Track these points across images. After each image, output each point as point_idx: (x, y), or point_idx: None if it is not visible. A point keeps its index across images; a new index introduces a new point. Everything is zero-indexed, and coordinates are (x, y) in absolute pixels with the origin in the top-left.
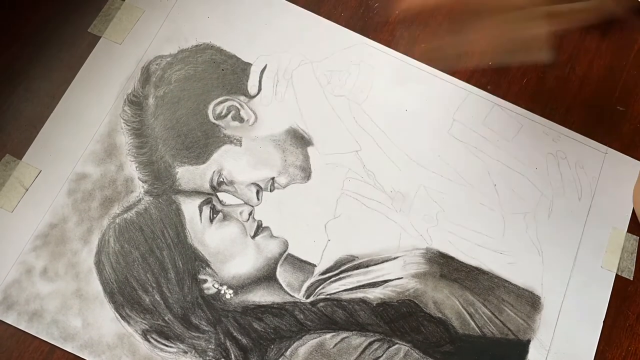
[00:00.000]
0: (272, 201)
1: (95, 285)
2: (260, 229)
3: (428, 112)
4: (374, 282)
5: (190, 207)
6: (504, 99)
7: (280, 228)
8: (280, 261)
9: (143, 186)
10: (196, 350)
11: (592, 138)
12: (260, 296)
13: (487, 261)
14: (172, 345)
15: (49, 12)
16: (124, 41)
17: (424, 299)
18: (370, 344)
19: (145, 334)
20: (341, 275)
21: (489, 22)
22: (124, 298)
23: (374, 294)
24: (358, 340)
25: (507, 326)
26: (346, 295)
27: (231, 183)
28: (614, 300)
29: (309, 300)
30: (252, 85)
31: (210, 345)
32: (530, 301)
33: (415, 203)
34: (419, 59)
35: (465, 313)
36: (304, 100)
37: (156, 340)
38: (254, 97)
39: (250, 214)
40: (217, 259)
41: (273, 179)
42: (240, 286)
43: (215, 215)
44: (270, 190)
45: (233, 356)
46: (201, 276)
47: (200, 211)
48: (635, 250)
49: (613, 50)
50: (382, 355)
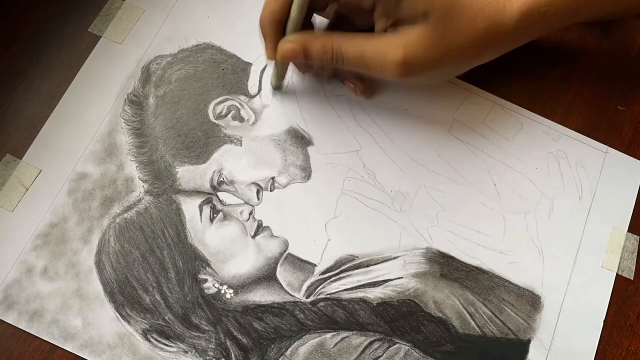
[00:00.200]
0: (273, 201)
1: (96, 285)
2: (260, 228)
3: (428, 112)
4: (374, 282)
5: (190, 207)
6: (504, 98)
7: (280, 228)
8: (281, 261)
9: (143, 186)
10: (196, 349)
11: (593, 138)
12: (261, 296)
13: (488, 261)
14: (173, 344)
15: (49, 12)
16: (124, 41)
17: (424, 299)
18: (371, 343)
19: (145, 334)
20: (341, 275)
21: None
22: (124, 297)
23: (374, 294)
24: (358, 339)
25: (508, 326)
26: (346, 295)
27: (231, 183)
28: (615, 300)
29: (309, 299)
30: (253, 85)
31: (210, 345)
32: (531, 301)
33: (415, 202)
34: None
35: (465, 313)
36: (304, 99)
37: (156, 339)
38: (254, 97)
39: (250, 213)
40: (218, 258)
41: (273, 178)
42: (240, 286)
43: (215, 215)
44: (271, 190)
45: (233, 356)
46: (201, 276)
47: (201, 211)
48: (636, 250)
49: (613, 50)
50: (383, 354)
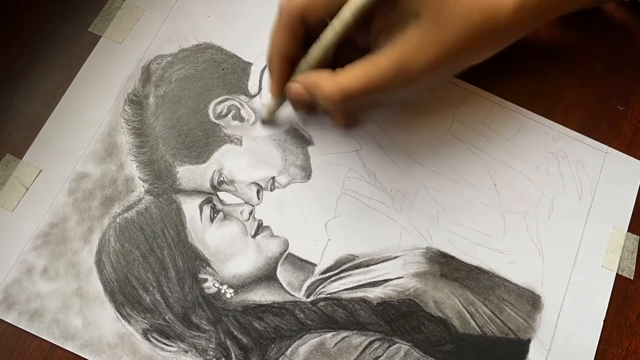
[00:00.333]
0: (273, 200)
1: (96, 285)
2: (260, 228)
3: (428, 111)
4: (374, 282)
5: (190, 207)
6: (504, 98)
7: (280, 227)
8: (281, 260)
9: (143, 185)
10: (197, 349)
11: (593, 137)
12: (261, 295)
13: (488, 260)
14: (173, 344)
15: (49, 12)
16: (124, 40)
17: (424, 298)
18: (371, 343)
19: (145, 333)
20: (341, 275)
21: None
22: (125, 297)
23: (374, 293)
24: (358, 339)
25: (508, 325)
26: (346, 295)
27: (232, 182)
28: (615, 300)
29: (309, 299)
30: (253, 85)
31: (210, 345)
32: (531, 300)
33: (415, 202)
34: None
35: (465, 312)
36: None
37: (157, 339)
38: (255, 97)
39: (250, 213)
40: (218, 258)
41: (273, 178)
42: (240, 285)
43: (215, 215)
44: (271, 190)
45: (233, 355)
46: (202, 275)
47: (201, 210)
48: (636, 250)
49: (613, 50)
50: (383, 354)
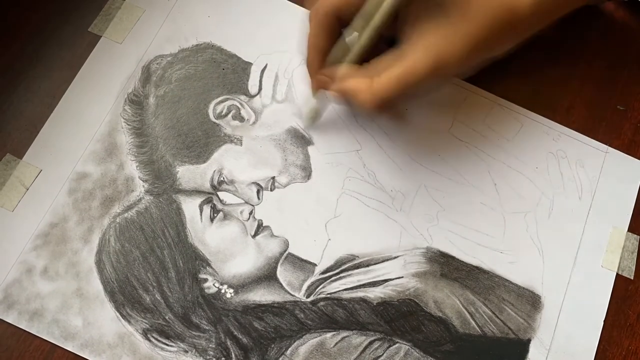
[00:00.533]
0: (273, 200)
1: (96, 285)
2: (260, 228)
3: (428, 112)
4: (374, 282)
5: (190, 207)
6: (505, 98)
7: (280, 227)
8: (281, 260)
9: (143, 185)
10: (197, 349)
11: (593, 137)
12: (261, 295)
13: (488, 260)
14: (173, 344)
15: (49, 12)
16: (124, 40)
17: (424, 298)
18: (371, 343)
19: (145, 333)
20: (341, 275)
21: None
22: (125, 297)
23: (374, 293)
24: (358, 339)
25: (508, 325)
26: (346, 295)
27: (232, 182)
28: (615, 300)
29: (309, 299)
30: (253, 85)
31: (210, 345)
32: (531, 300)
33: (415, 202)
34: None
35: (465, 312)
36: (305, 99)
37: (157, 339)
38: (255, 97)
39: (250, 213)
40: (218, 258)
41: (273, 178)
42: (240, 285)
43: (215, 215)
44: (271, 190)
45: (233, 355)
46: (202, 275)
47: (201, 210)
48: (636, 250)
49: (613, 50)
50: (383, 354)
